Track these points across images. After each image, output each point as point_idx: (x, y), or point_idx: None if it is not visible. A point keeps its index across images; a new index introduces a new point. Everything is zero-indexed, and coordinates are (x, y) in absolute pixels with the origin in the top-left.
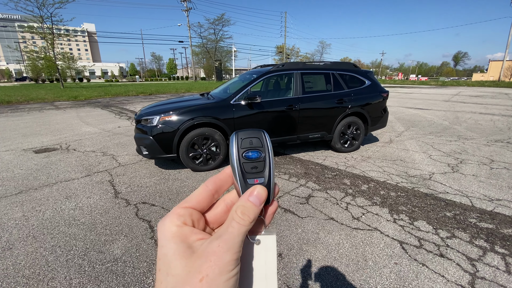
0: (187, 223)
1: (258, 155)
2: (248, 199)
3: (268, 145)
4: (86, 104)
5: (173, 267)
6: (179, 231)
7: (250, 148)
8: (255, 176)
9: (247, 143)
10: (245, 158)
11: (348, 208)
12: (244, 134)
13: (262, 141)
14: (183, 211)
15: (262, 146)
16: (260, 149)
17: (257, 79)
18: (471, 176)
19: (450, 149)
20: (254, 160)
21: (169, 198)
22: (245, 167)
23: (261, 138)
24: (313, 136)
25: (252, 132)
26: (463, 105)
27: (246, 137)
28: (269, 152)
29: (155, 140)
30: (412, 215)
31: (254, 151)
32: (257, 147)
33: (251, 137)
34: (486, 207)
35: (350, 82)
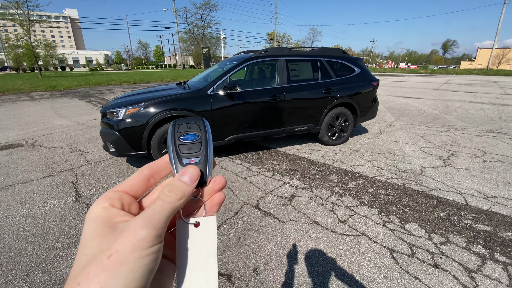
0: (115, 206)
1: (195, 138)
2: (178, 178)
3: (207, 129)
4: (64, 95)
5: (88, 246)
6: (103, 212)
7: (187, 131)
8: (190, 156)
9: (184, 128)
10: (180, 141)
11: (334, 209)
12: (183, 120)
13: (200, 126)
14: (112, 194)
15: (200, 130)
16: (197, 133)
17: (237, 66)
18: (464, 170)
19: (441, 140)
20: (190, 142)
21: None
22: (180, 149)
23: (199, 123)
24: (299, 128)
25: (191, 119)
26: (453, 94)
27: (184, 123)
28: (207, 135)
29: (121, 135)
30: (403, 217)
31: (190, 134)
32: (194, 131)
33: (189, 122)
34: (482, 205)
35: (338, 70)
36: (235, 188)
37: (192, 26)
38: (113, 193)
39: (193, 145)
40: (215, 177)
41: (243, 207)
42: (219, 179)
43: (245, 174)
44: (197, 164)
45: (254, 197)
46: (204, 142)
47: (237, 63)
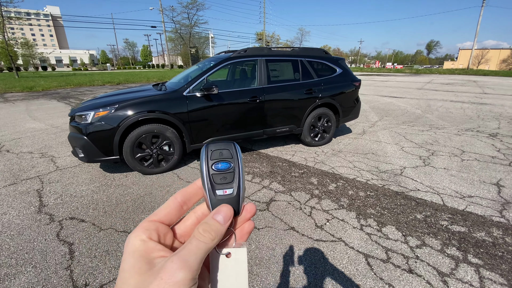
0: (153, 238)
1: (228, 166)
2: (213, 217)
3: (238, 156)
4: (42, 96)
5: (126, 283)
6: (142, 245)
7: (220, 159)
8: (224, 187)
9: (217, 155)
10: (214, 170)
11: (312, 213)
12: (215, 146)
13: (232, 152)
14: (150, 225)
15: (232, 157)
16: (230, 160)
17: (215, 67)
18: (443, 170)
19: (422, 140)
20: (223, 171)
21: (104, 211)
22: (214, 178)
23: (231, 149)
24: (280, 130)
25: (223, 144)
26: (435, 93)
27: (216, 148)
28: (239, 163)
29: (90, 140)
30: (381, 220)
31: (223, 162)
32: (226, 158)
33: (221, 148)
34: (458, 205)
35: (320, 70)
36: None
37: (179, 25)
38: (150, 224)
39: (226, 175)
40: (246, 205)
41: None
42: (250, 208)
43: None
44: (230, 196)
45: None
46: (237, 171)
47: (215, 63)
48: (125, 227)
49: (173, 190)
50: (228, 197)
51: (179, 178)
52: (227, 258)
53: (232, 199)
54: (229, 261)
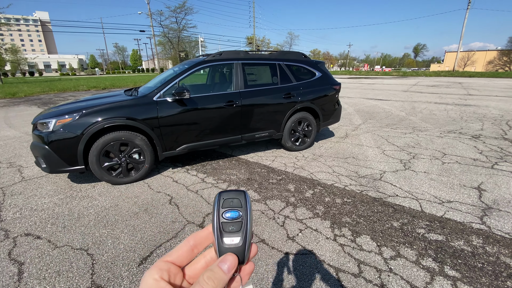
0: (164, 278)
1: (237, 215)
2: (218, 265)
3: (247, 206)
4: (23, 102)
5: None
6: (154, 284)
7: (230, 208)
8: (232, 236)
9: (228, 203)
10: (224, 218)
11: (285, 223)
12: (227, 194)
13: (242, 202)
14: (163, 265)
15: (241, 206)
16: (239, 210)
17: (187, 70)
18: (423, 174)
19: (404, 143)
20: (232, 220)
21: (64, 226)
22: (223, 226)
23: (241, 198)
24: (260, 135)
25: (234, 193)
26: (420, 95)
27: (228, 197)
28: (248, 212)
29: (52, 149)
30: (356, 229)
31: (233, 211)
32: (236, 208)
33: (232, 197)
34: (436, 212)
35: (299, 74)
36: (182, 204)
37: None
38: (163, 264)
39: (234, 224)
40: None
41: (185, 227)
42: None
43: (197, 187)
44: (236, 245)
45: (201, 215)
46: (245, 221)
47: (188, 66)
48: (82, 243)
49: (141, 201)
50: (235, 246)
51: (150, 188)
52: None
53: (239, 248)
54: None
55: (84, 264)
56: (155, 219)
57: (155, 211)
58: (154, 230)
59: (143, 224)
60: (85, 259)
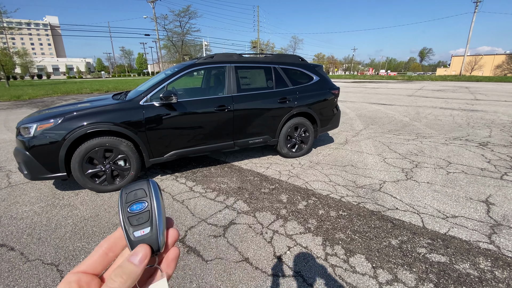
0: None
1: (142, 206)
2: (129, 259)
3: (153, 193)
4: (26, 105)
5: None
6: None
7: (134, 200)
8: (141, 227)
9: (131, 196)
10: (129, 212)
11: (273, 240)
12: (129, 188)
13: (146, 191)
14: (71, 277)
15: (146, 195)
16: (144, 199)
17: (176, 74)
18: (426, 184)
19: (407, 150)
20: (138, 212)
21: (39, 237)
22: (130, 221)
23: (145, 188)
24: (253, 141)
25: (136, 184)
26: (425, 100)
27: (131, 190)
28: (155, 200)
29: (32, 155)
30: (350, 247)
31: (137, 203)
32: (141, 198)
33: (135, 189)
34: (440, 228)
35: (295, 78)
36: (166, 215)
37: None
38: (71, 276)
39: (141, 215)
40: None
41: None
42: (172, 233)
43: (184, 196)
44: (148, 235)
45: (184, 227)
46: (153, 209)
47: (177, 70)
48: (54, 258)
49: None
50: (146, 237)
51: None
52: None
53: (150, 238)
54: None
55: (51, 281)
56: None
57: None
58: None
59: None
60: (53, 276)
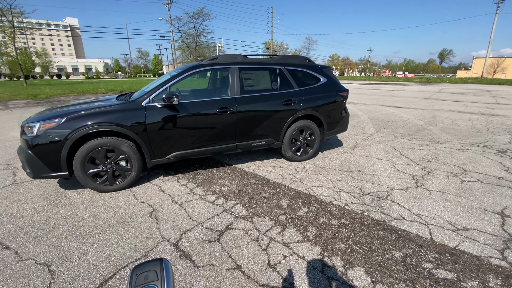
0: None
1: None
2: None
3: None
4: (43, 103)
5: None
6: None
7: (144, 284)
8: None
9: (142, 279)
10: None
11: (269, 247)
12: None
13: (158, 274)
14: None
15: (158, 279)
16: (155, 284)
17: (180, 75)
18: (437, 193)
19: (419, 156)
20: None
21: (36, 236)
22: None
23: (158, 269)
24: (256, 144)
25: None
26: (443, 103)
27: (142, 271)
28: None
29: (35, 154)
30: (349, 258)
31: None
32: (151, 282)
33: (146, 270)
34: (449, 241)
35: (301, 79)
36: (163, 217)
37: (184, 35)
38: None
39: None
40: None
41: (158, 245)
42: None
43: (183, 198)
44: None
45: (179, 231)
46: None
47: (180, 71)
48: (47, 258)
49: (121, 212)
50: None
51: (134, 197)
52: None
53: None
54: None
55: (41, 282)
56: (130, 233)
57: (132, 224)
58: (125, 246)
59: (115, 239)
60: (44, 277)
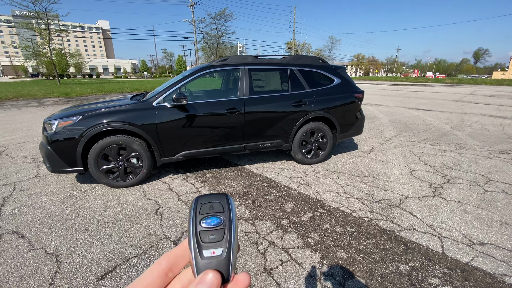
0: None
1: (218, 222)
2: (196, 286)
3: (231, 210)
4: (73, 101)
5: None
6: None
7: (210, 213)
8: (212, 247)
9: (207, 208)
10: (202, 226)
11: (267, 252)
12: (205, 198)
13: (224, 205)
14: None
15: (223, 211)
16: (221, 215)
17: (190, 76)
18: (455, 203)
19: (441, 162)
20: (212, 228)
21: (49, 227)
22: (201, 236)
23: (223, 202)
24: (265, 145)
25: (213, 196)
26: (474, 106)
27: (207, 201)
28: (231, 218)
29: (53, 150)
30: (350, 268)
31: (213, 217)
32: (217, 213)
33: (212, 201)
34: (462, 256)
35: (313, 80)
36: (167, 215)
37: (206, 36)
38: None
39: (215, 232)
40: (239, 274)
41: (159, 242)
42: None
43: (189, 197)
44: (219, 258)
45: (181, 229)
46: (228, 228)
47: (191, 72)
48: (57, 248)
49: (129, 207)
50: (216, 260)
51: (143, 194)
52: None
53: (221, 262)
54: None
55: (48, 272)
56: (134, 229)
57: (138, 220)
58: (128, 241)
59: (120, 234)
60: (50, 267)
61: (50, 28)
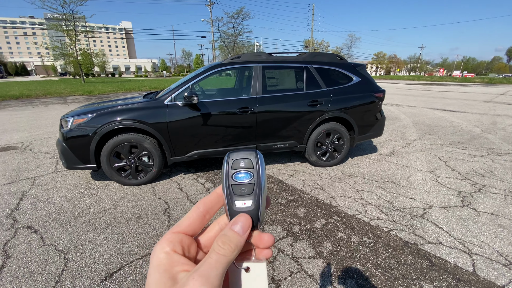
0: (177, 250)
1: (248, 177)
2: (231, 228)
3: (260, 167)
4: (95, 99)
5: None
6: (166, 258)
7: (241, 169)
8: (243, 199)
9: (238, 164)
10: (234, 180)
11: (276, 260)
12: (236, 155)
13: (253, 162)
14: (173, 237)
15: (253, 167)
16: (251, 171)
17: (202, 73)
18: (488, 216)
19: (470, 169)
20: (243, 183)
21: (61, 223)
22: (233, 189)
23: (253, 159)
24: (277, 146)
25: (243, 152)
26: (507, 108)
27: (238, 158)
28: (260, 174)
29: (68, 146)
30: (365, 284)
31: (244, 173)
32: (248, 169)
33: (243, 157)
34: (496, 278)
35: (331, 78)
36: (175, 216)
37: (223, 34)
38: (174, 236)
39: (246, 186)
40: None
41: None
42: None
43: (199, 197)
44: (248, 208)
45: None
46: (257, 183)
47: (202, 70)
48: (66, 245)
49: (139, 206)
50: (246, 210)
51: (153, 193)
52: (246, 273)
53: (250, 212)
54: (248, 275)
55: (55, 269)
56: (142, 229)
57: (146, 220)
58: (135, 242)
59: (128, 233)
60: (58, 264)
61: (76, 29)
